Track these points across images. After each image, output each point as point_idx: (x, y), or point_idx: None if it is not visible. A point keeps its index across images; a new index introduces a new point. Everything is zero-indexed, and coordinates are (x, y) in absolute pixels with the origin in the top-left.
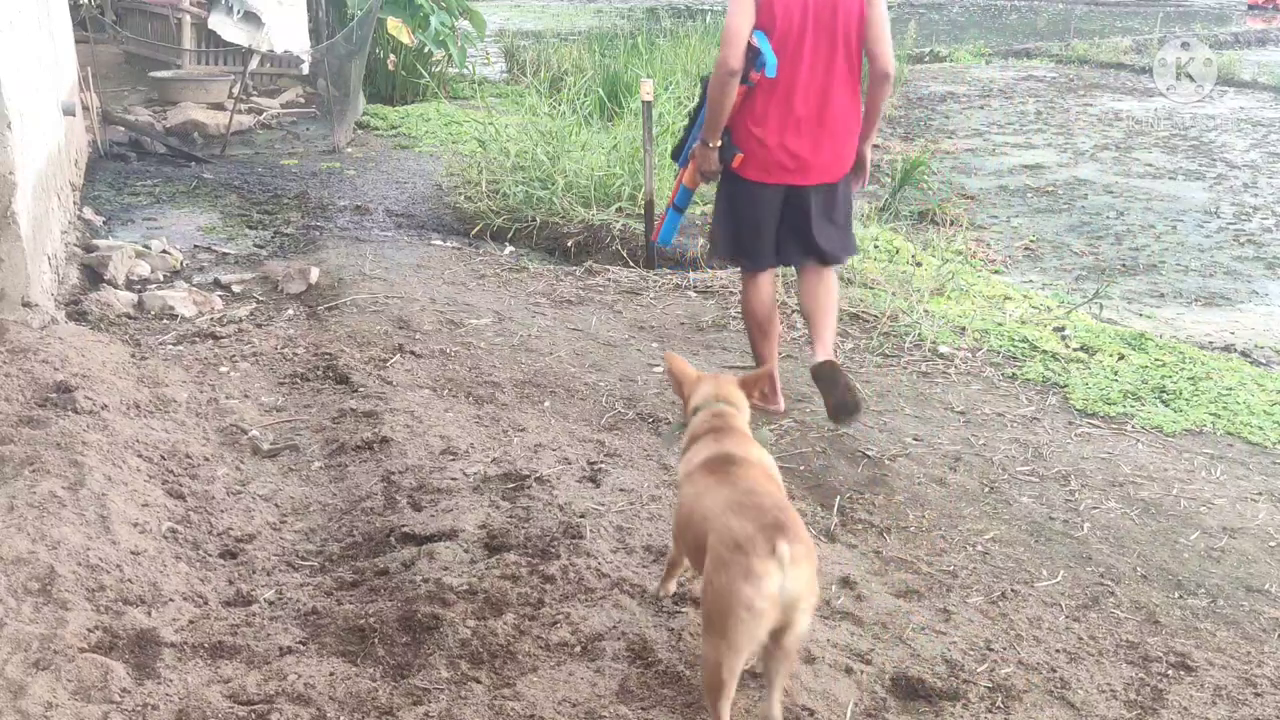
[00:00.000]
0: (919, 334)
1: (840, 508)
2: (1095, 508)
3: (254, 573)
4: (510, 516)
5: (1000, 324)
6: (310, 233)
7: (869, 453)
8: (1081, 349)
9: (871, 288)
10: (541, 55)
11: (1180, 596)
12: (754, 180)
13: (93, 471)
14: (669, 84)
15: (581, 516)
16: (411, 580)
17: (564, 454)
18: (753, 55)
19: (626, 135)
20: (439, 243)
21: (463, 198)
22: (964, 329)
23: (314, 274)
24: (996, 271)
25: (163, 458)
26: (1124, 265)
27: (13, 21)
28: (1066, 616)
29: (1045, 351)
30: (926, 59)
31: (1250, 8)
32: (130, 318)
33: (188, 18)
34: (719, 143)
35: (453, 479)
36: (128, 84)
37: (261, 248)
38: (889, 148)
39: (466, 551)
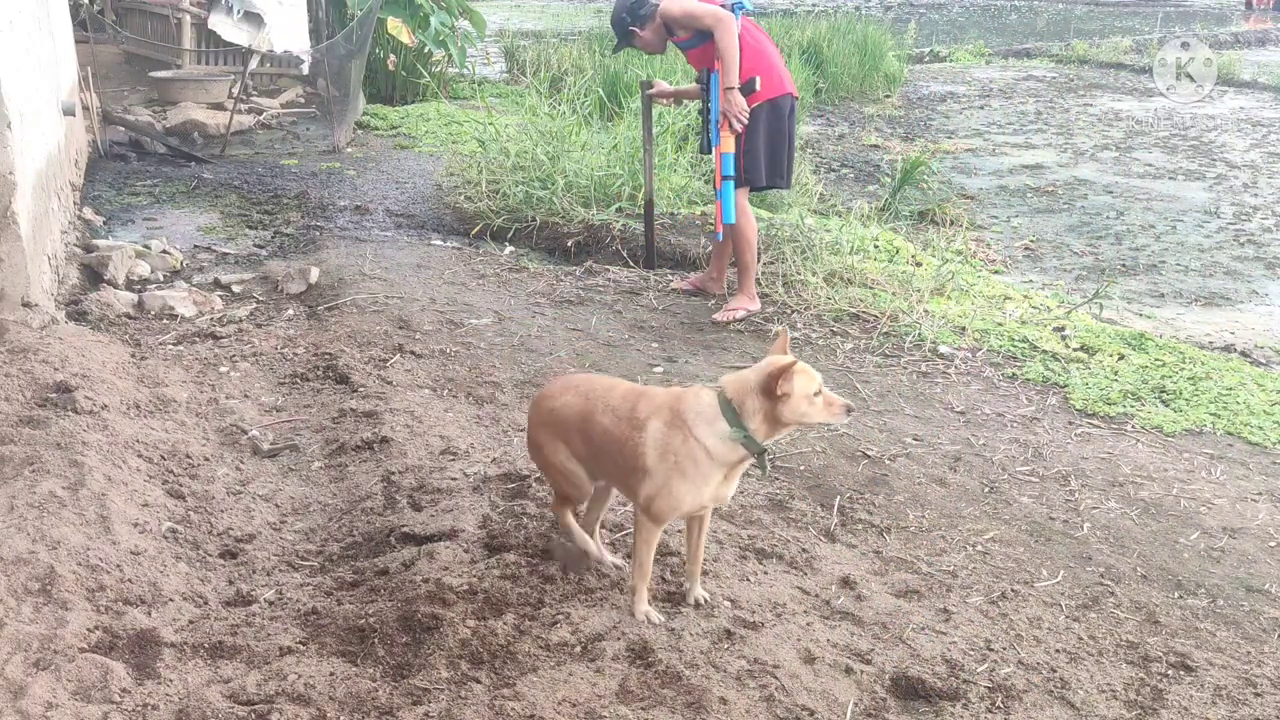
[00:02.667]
0: (919, 334)
1: (840, 508)
2: (1095, 508)
3: (254, 573)
4: (510, 516)
5: (1000, 324)
6: (310, 233)
7: (869, 453)
8: (1081, 349)
9: (871, 288)
10: (541, 55)
11: (1180, 596)
12: (777, 95)
13: (93, 471)
14: (669, 84)
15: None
16: (411, 580)
17: None
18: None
19: (626, 135)
20: (439, 243)
21: (463, 198)
22: (964, 329)
23: (314, 274)
24: (996, 271)
25: (163, 458)
26: (1124, 265)
27: (12, 21)
28: (1066, 616)
29: (1045, 351)
30: (926, 59)
31: (1248, 6)
32: (130, 318)
33: (188, 18)
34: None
35: (453, 479)
36: (128, 84)
37: (261, 248)
38: (889, 148)
39: (466, 551)
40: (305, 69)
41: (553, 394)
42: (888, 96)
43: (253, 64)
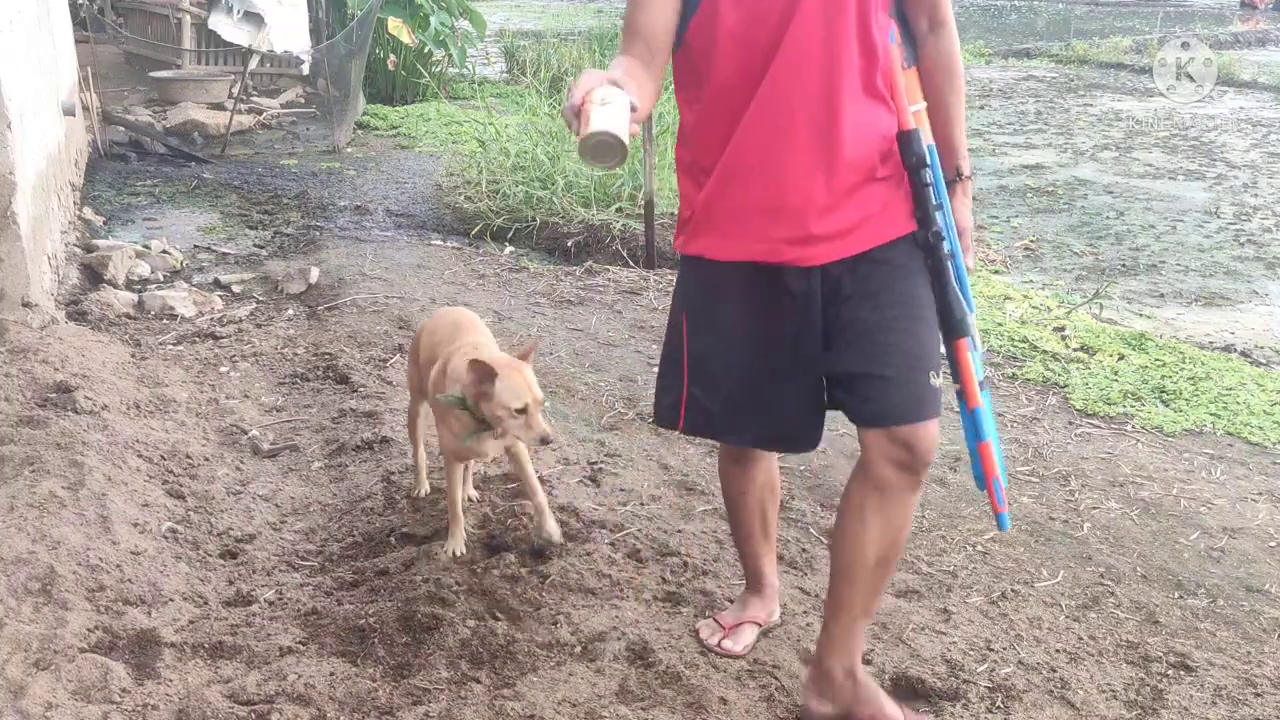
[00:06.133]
0: None
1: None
2: (1095, 508)
3: (254, 573)
4: (510, 516)
5: (1000, 324)
6: (310, 233)
7: None
8: (1081, 349)
9: None
10: (541, 55)
11: (1180, 596)
12: None
13: (93, 471)
14: (669, 83)
15: (581, 516)
16: (411, 580)
17: (564, 454)
18: None
19: None
20: (439, 243)
21: (463, 198)
22: None
23: (314, 274)
24: (996, 271)
25: (163, 458)
26: (1124, 265)
27: (12, 21)
28: (1066, 616)
29: (1045, 351)
30: None
31: (1242, 5)
32: (130, 318)
33: (188, 18)
34: None
35: None
36: (128, 84)
37: (261, 248)
38: None
39: (466, 551)
40: (305, 69)
41: None
42: None
43: (253, 64)
